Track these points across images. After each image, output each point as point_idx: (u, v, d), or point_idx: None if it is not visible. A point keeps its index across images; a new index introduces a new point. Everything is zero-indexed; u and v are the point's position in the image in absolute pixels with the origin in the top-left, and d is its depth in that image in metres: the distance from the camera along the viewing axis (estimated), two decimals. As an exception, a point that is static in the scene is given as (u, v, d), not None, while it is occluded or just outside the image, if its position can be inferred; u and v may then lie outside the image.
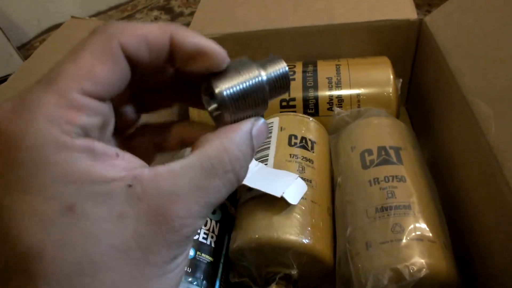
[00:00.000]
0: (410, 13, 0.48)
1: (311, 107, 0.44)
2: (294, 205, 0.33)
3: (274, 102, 0.45)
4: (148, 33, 0.14)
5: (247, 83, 0.16)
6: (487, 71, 0.34)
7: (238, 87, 0.16)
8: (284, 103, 0.45)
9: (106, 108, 0.14)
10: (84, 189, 0.12)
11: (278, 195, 0.32)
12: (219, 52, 0.15)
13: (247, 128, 0.16)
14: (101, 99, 0.13)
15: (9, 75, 0.87)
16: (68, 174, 0.12)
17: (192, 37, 0.15)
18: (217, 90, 0.16)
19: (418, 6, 0.50)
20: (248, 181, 0.34)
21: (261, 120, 0.17)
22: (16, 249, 0.11)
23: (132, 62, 0.14)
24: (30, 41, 1.03)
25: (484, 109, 0.31)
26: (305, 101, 0.44)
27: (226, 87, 0.16)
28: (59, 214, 0.12)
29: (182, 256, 0.14)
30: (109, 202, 0.12)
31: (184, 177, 0.13)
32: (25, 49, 0.99)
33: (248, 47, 0.52)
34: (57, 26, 1.06)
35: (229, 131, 0.15)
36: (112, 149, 0.13)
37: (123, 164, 0.13)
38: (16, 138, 0.12)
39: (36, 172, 0.12)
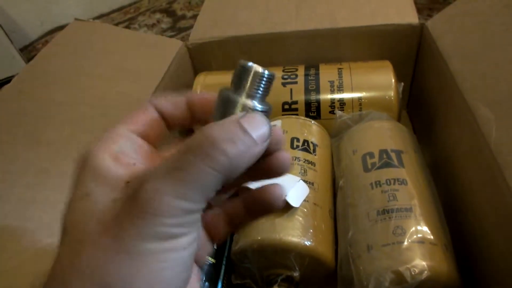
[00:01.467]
0: (411, 17, 0.48)
1: (313, 110, 0.45)
2: (296, 208, 0.33)
3: (276, 105, 0.45)
4: (173, 98, 0.20)
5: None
6: (488, 75, 0.34)
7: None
8: (286, 106, 0.45)
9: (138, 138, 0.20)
10: (99, 183, 0.17)
11: None
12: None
13: (233, 117, 0.17)
14: (137, 133, 0.19)
15: (12, 76, 0.87)
16: (95, 173, 0.17)
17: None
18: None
19: (419, 10, 0.50)
20: (250, 183, 0.34)
21: (252, 113, 0.17)
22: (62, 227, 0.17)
23: (162, 112, 0.20)
24: (33, 42, 1.03)
25: (485, 113, 0.31)
26: (307, 104, 0.45)
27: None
28: (80, 198, 0.16)
29: (155, 241, 0.15)
30: (112, 192, 0.16)
31: (161, 165, 0.16)
32: (28, 51, 1.00)
33: (250, 50, 0.52)
34: (60, 28, 1.06)
35: (214, 124, 0.17)
36: (132, 160, 0.18)
37: (135, 169, 0.18)
38: (81, 160, 0.18)
39: (82, 173, 0.17)
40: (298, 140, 0.40)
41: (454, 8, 0.44)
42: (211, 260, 0.34)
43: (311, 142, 0.40)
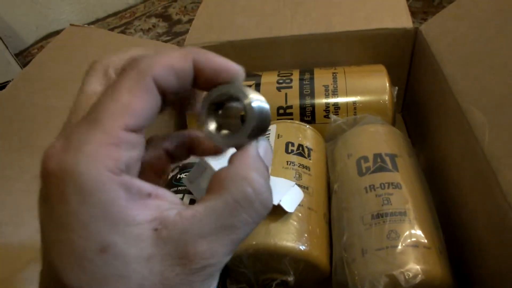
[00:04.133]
0: (406, 21, 0.48)
1: (308, 115, 0.45)
2: (291, 212, 0.33)
3: (271, 110, 0.45)
4: (175, 63, 0.15)
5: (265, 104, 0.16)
6: (481, 78, 0.34)
7: (263, 103, 0.16)
8: (281, 111, 0.45)
9: (142, 139, 0.15)
10: (118, 230, 0.13)
11: (275, 203, 0.32)
12: (235, 68, 0.16)
13: (254, 150, 0.16)
14: (139, 131, 0.14)
15: (7, 82, 0.87)
16: (105, 214, 0.13)
17: (212, 59, 0.16)
18: (246, 101, 0.15)
19: (413, 14, 0.50)
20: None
21: (262, 140, 0.16)
22: (59, 283, 0.13)
23: (163, 91, 0.15)
24: (28, 48, 1.03)
25: (478, 116, 0.32)
26: (302, 108, 0.45)
27: (256, 98, 0.15)
28: (95, 253, 0.12)
29: None
30: (139, 244, 0.13)
31: (209, 219, 0.14)
32: (23, 56, 1.00)
33: (245, 54, 0.52)
34: (55, 33, 1.07)
35: (239, 159, 0.15)
36: (146, 188, 0.14)
37: (153, 205, 0.14)
38: (65, 177, 0.13)
39: (79, 210, 0.13)
40: (293, 144, 0.40)
41: (448, 12, 0.44)
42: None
43: (306, 147, 0.41)
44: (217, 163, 0.36)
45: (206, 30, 0.54)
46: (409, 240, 0.30)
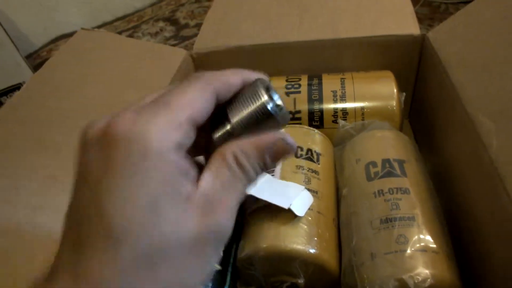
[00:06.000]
0: (413, 28, 0.49)
1: (316, 120, 0.45)
2: (301, 216, 0.34)
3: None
4: (231, 80, 0.19)
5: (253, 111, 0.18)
6: (489, 85, 0.35)
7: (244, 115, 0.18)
8: (289, 116, 0.46)
9: (194, 132, 0.17)
10: (168, 193, 0.15)
11: (286, 206, 0.33)
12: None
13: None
14: (194, 126, 0.17)
15: (18, 84, 0.88)
16: (163, 179, 0.15)
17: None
18: (229, 123, 0.18)
19: (420, 20, 0.51)
20: (256, 192, 0.35)
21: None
22: (106, 223, 0.15)
23: (219, 100, 0.18)
24: (37, 50, 1.04)
25: (485, 123, 0.32)
26: (311, 113, 0.45)
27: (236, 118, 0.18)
28: (145, 207, 0.15)
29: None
30: (180, 206, 0.16)
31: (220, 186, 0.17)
32: (33, 58, 1.01)
33: (253, 60, 0.53)
34: (63, 36, 1.08)
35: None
36: (190, 166, 0.17)
37: (192, 177, 0.17)
38: (134, 140, 0.15)
39: (141, 168, 0.15)
40: (301, 149, 0.41)
41: (455, 19, 0.45)
42: (217, 267, 0.35)
43: (315, 151, 0.41)
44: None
45: (214, 36, 0.54)
46: (418, 245, 0.30)
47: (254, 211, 0.36)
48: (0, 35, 0.81)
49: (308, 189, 0.36)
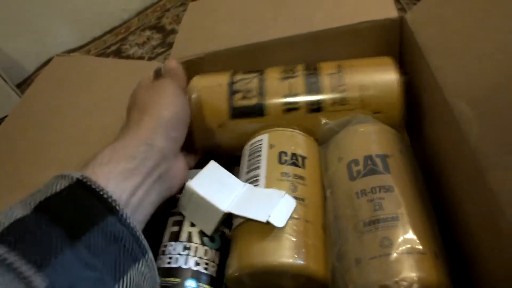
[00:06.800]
0: (390, 11, 0.47)
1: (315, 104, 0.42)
2: (285, 227, 0.33)
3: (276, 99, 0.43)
4: None
5: None
6: (468, 69, 0.33)
7: None
8: (287, 102, 0.43)
9: None
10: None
11: (264, 220, 0.32)
12: None
13: None
14: None
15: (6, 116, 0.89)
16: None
17: None
18: None
19: (407, 3, 0.48)
20: (234, 208, 0.34)
21: None
22: (140, 103, 0.36)
23: None
24: (30, 76, 1.06)
25: (465, 111, 0.30)
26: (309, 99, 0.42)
27: None
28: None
29: None
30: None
31: None
32: (27, 84, 1.02)
33: (233, 62, 0.52)
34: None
35: None
36: None
37: None
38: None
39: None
40: (286, 154, 0.40)
41: (432, -4, 0.42)
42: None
43: (300, 155, 0.40)
44: (203, 187, 0.36)
45: (190, 43, 0.54)
46: (403, 247, 0.29)
47: (239, 225, 0.36)
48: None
49: (295, 197, 0.35)
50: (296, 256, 0.32)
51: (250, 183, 0.38)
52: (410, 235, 0.29)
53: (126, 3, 1.14)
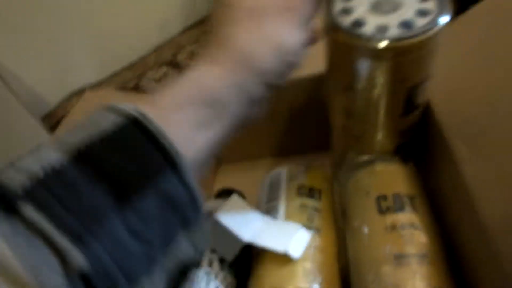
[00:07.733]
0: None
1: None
2: (301, 256, 0.35)
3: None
4: None
5: None
6: (465, 106, 0.34)
7: None
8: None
9: None
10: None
11: (282, 250, 0.34)
12: None
13: None
14: None
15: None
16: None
17: None
18: None
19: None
20: (253, 238, 0.36)
21: None
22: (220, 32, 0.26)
23: None
24: (53, 110, 1.09)
25: (460, 148, 0.32)
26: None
27: None
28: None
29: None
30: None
31: None
32: (50, 119, 1.05)
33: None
34: (77, 92, 1.12)
35: None
36: None
37: None
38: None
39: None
40: (303, 186, 0.42)
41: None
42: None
43: (316, 188, 0.42)
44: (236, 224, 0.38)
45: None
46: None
47: (258, 254, 0.38)
48: (17, 109, 0.84)
49: (312, 228, 0.37)
50: (312, 283, 0.34)
51: (269, 213, 0.40)
52: (436, 273, 0.31)
53: (143, 39, 1.19)
